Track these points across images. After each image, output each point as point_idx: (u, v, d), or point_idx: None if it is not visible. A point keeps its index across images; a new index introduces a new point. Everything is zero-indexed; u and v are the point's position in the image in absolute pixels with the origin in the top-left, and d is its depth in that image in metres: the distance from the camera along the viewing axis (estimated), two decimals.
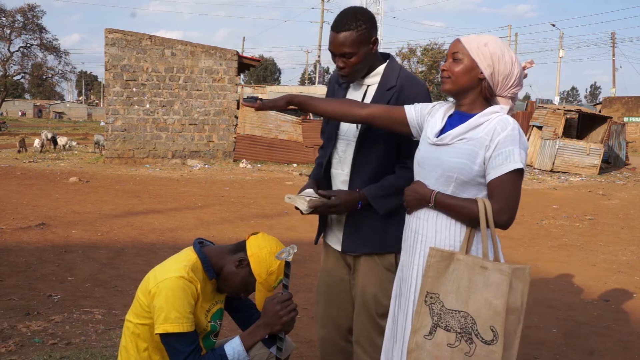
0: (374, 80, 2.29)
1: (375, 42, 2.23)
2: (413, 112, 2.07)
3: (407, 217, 2.03)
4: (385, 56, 2.33)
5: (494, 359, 1.73)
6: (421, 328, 1.81)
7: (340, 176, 2.34)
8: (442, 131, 1.94)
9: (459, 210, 1.85)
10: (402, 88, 2.22)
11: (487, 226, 1.81)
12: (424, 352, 1.80)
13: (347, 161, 2.31)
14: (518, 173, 1.81)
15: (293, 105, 2.24)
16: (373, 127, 2.19)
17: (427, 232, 1.93)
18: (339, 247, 2.37)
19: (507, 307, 1.73)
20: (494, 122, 1.84)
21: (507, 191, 1.80)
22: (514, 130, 1.82)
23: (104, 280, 4.92)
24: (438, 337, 1.79)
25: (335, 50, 2.20)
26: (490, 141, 1.82)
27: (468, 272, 1.78)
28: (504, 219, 1.81)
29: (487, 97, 1.91)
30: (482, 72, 1.87)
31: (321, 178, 2.40)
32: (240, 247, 2.13)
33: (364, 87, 2.32)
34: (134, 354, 2.06)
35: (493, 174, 1.82)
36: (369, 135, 2.26)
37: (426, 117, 2.03)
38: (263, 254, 2.07)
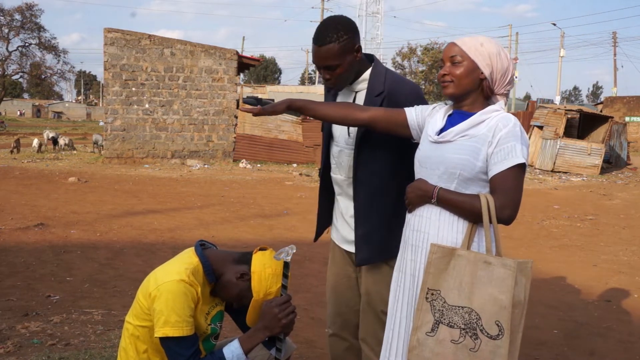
0: (362, 86, 2.28)
1: (359, 49, 2.21)
2: (414, 114, 2.08)
3: (409, 215, 2.01)
4: (370, 58, 2.30)
5: (500, 353, 1.72)
6: (422, 325, 1.81)
7: (340, 181, 2.35)
8: (443, 130, 1.95)
9: (461, 205, 1.85)
10: (391, 93, 2.20)
11: (490, 222, 1.81)
12: (426, 349, 1.79)
13: (343, 167, 2.33)
14: (520, 168, 1.83)
15: (293, 110, 2.23)
16: (373, 131, 2.18)
17: (429, 230, 1.92)
18: (344, 246, 2.39)
19: (513, 301, 1.73)
20: (496, 119, 1.87)
21: (509, 186, 1.81)
22: (515, 126, 1.85)
23: (103, 280, 4.90)
24: (440, 333, 1.78)
25: (319, 63, 2.18)
26: (492, 137, 1.84)
27: (470, 268, 1.78)
28: (506, 214, 1.82)
29: (488, 96, 1.93)
30: (482, 73, 1.89)
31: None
32: (246, 259, 2.10)
33: (353, 94, 2.30)
34: (134, 355, 2.05)
35: (495, 169, 1.83)
36: (366, 145, 2.23)
37: (427, 118, 2.05)
38: (266, 273, 2.05)
